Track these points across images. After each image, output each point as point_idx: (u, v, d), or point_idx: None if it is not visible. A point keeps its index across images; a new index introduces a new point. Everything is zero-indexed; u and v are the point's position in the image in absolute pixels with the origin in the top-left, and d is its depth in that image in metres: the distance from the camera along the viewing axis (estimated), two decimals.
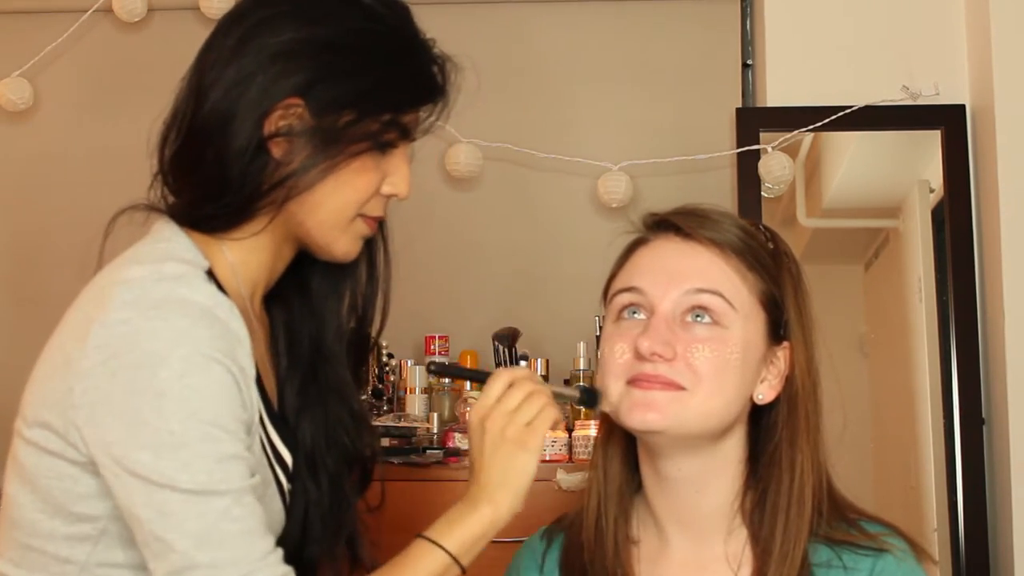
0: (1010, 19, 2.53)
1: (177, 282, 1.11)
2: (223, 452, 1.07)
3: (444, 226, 2.84)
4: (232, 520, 1.06)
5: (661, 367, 1.15)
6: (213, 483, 1.06)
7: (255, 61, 1.16)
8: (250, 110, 1.15)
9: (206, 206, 1.18)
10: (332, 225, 1.20)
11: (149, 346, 1.06)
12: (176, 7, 2.93)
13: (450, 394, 2.65)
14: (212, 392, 1.07)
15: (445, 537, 1.15)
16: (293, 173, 1.16)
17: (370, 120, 1.18)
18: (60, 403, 1.09)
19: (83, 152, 2.96)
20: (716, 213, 1.22)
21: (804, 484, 1.17)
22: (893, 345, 2.72)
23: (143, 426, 1.05)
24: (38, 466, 1.12)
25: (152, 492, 1.05)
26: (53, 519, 1.12)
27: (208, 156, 1.17)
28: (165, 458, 1.05)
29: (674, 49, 2.93)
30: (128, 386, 1.06)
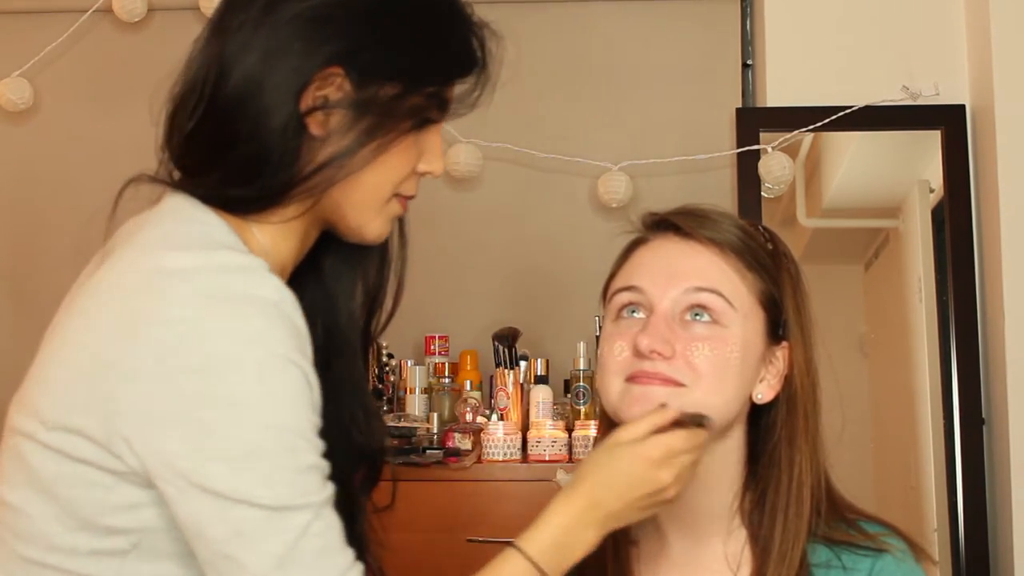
0: (1010, 19, 2.53)
1: (242, 274, 0.99)
2: (303, 463, 0.97)
3: (444, 226, 2.84)
4: (312, 536, 0.97)
5: (660, 365, 1.15)
6: (294, 497, 0.96)
7: (291, 26, 1.04)
8: (289, 80, 1.04)
9: (238, 188, 1.06)
10: (368, 206, 1.11)
11: (217, 347, 0.95)
12: (176, 7, 2.93)
13: (450, 394, 2.65)
14: (290, 397, 0.97)
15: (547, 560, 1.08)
16: (339, 155, 1.05)
17: (415, 93, 1.08)
18: (99, 408, 0.97)
19: (83, 152, 2.96)
20: (715, 213, 1.22)
21: (803, 484, 1.17)
22: (893, 345, 2.72)
23: (214, 436, 0.95)
24: (61, 474, 0.99)
25: (226, 509, 0.95)
26: (76, 532, 1.00)
27: (241, 133, 1.04)
28: (242, 472, 0.94)
29: (674, 49, 2.93)
30: (192, 392, 0.94)
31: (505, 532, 1.15)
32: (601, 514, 1.10)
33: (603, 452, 1.12)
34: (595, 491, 1.10)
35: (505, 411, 2.54)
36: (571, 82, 2.94)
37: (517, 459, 2.45)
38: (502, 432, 2.47)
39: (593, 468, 1.12)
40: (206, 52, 1.08)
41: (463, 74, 1.12)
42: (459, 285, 2.89)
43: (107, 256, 1.07)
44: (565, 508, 1.10)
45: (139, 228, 1.07)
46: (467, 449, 2.48)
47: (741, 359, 1.16)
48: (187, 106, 1.07)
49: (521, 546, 1.08)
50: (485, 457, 2.46)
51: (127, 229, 1.09)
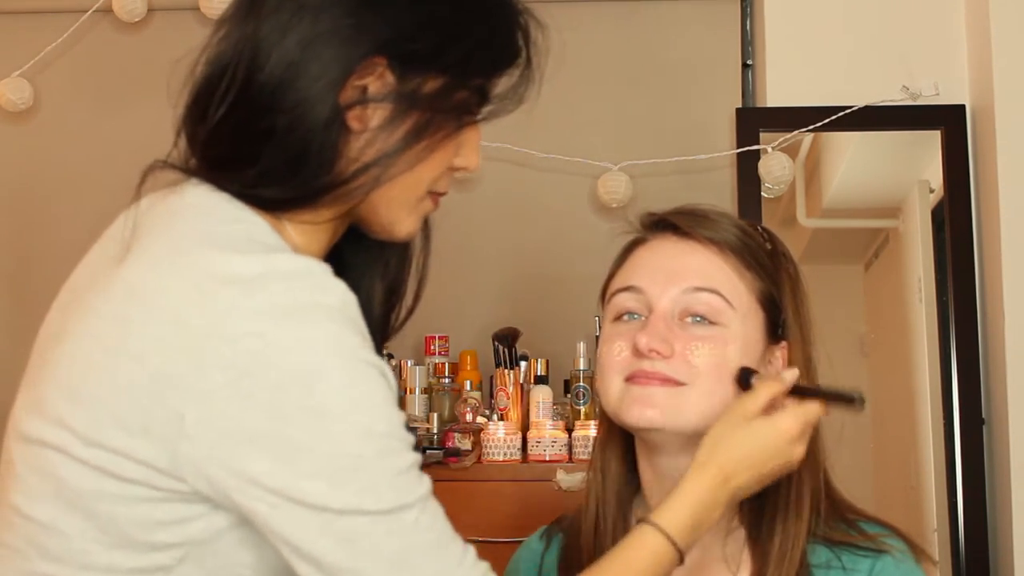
0: (1010, 19, 2.53)
1: (306, 280, 0.93)
2: (402, 464, 0.93)
3: (444, 226, 2.83)
4: (423, 530, 0.93)
5: (659, 364, 1.15)
6: (399, 498, 0.92)
7: (334, 10, 0.97)
8: (329, 70, 0.96)
9: (274, 186, 0.98)
10: (402, 204, 1.05)
11: (295, 360, 0.89)
12: (176, 7, 2.93)
13: (450, 394, 2.65)
14: (379, 400, 0.92)
15: (683, 536, 1.07)
16: (386, 155, 0.99)
17: (463, 87, 1.02)
18: (159, 431, 0.90)
19: (83, 152, 2.96)
20: (714, 213, 1.22)
21: (802, 484, 1.17)
22: (893, 345, 2.72)
23: (307, 452, 0.89)
24: (101, 491, 0.93)
25: (332, 521, 0.90)
26: (114, 550, 0.94)
27: (279, 127, 0.97)
28: (344, 484, 0.90)
29: (674, 49, 2.93)
30: (276, 408, 0.89)
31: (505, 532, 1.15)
32: (732, 488, 1.10)
33: (736, 426, 1.10)
34: (728, 466, 1.09)
35: (505, 411, 2.54)
36: (571, 82, 2.94)
37: (517, 459, 2.45)
38: (502, 432, 2.47)
39: (727, 442, 1.10)
40: (237, 32, 1.00)
41: (509, 65, 1.06)
42: (459, 285, 2.89)
43: (128, 251, 0.98)
44: (701, 485, 1.09)
45: (165, 222, 0.99)
46: (467, 449, 2.48)
47: (740, 358, 1.16)
48: (214, 91, 0.99)
49: (659, 523, 1.06)
50: (485, 457, 2.46)
51: (148, 221, 1.01)
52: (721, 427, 1.11)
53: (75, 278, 1.07)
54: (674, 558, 1.06)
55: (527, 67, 1.07)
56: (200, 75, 1.02)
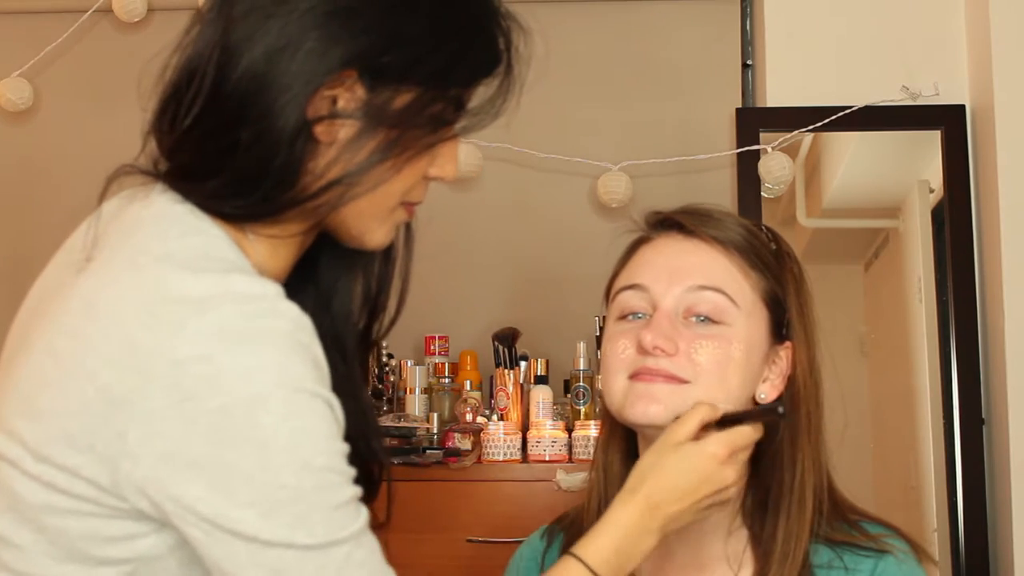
0: (1010, 19, 2.53)
1: (257, 305, 0.90)
2: (339, 498, 0.92)
3: (444, 226, 2.84)
4: (355, 566, 0.92)
5: (663, 361, 1.15)
6: (332, 533, 0.91)
7: (305, 19, 0.94)
8: (299, 82, 0.93)
9: (236, 199, 0.96)
10: (372, 215, 1.02)
11: (240, 388, 0.88)
12: (176, 7, 2.92)
13: (450, 394, 2.65)
14: (321, 433, 0.90)
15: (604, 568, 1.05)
16: (353, 172, 0.96)
17: (437, 100, 0.99)
18: (102, 449, 0.89)
19: (83, 152, 2.96)
20: (719, 212, 1.22)
21: (805, 484, 1.17)
22: (893, 345, 2.72)
23: (243, 481, 0.88)
24: (49, 505, 0.92)
25: (260, 552, 0.89)
26: (63, 563, 0.93)
27: (243, 138, 0.94)
28: (276, 516, 0.89)
29: (674, 49, 2.93)
30: (217, 435, 0.87)
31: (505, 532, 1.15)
32: (661, 517, 1.08)
33: (662, 453, 1.09)
34: (657, 494, 1.08)
35: (505, 411, 2.54)
36: (571, 82, 2.94)
37: (517, 459, 2.45)
38: (502, 432, 2.47)
39: (654, 471, 1.09)
40: (206, 36, 0.98)
41: (488, 75, 1.02)
42: (459, 285, 2.89)
43: (91, 259, 0.98)
44: (625, 513, 1.07)
45: (127, 233, 0.98)
46: (467, 449, 2.48)
47: (744, 357, 1.16)
48: (183, 97, 0.97)
49: (580, 554, 1.05)
50: (485, 457, 2.46)
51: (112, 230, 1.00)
52: (651, 455, 1.11)
53: (40, 284, 1.06)
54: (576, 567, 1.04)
55: (506, 76, 1.03)
56: (169, 79, 1.00)
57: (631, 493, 1.09)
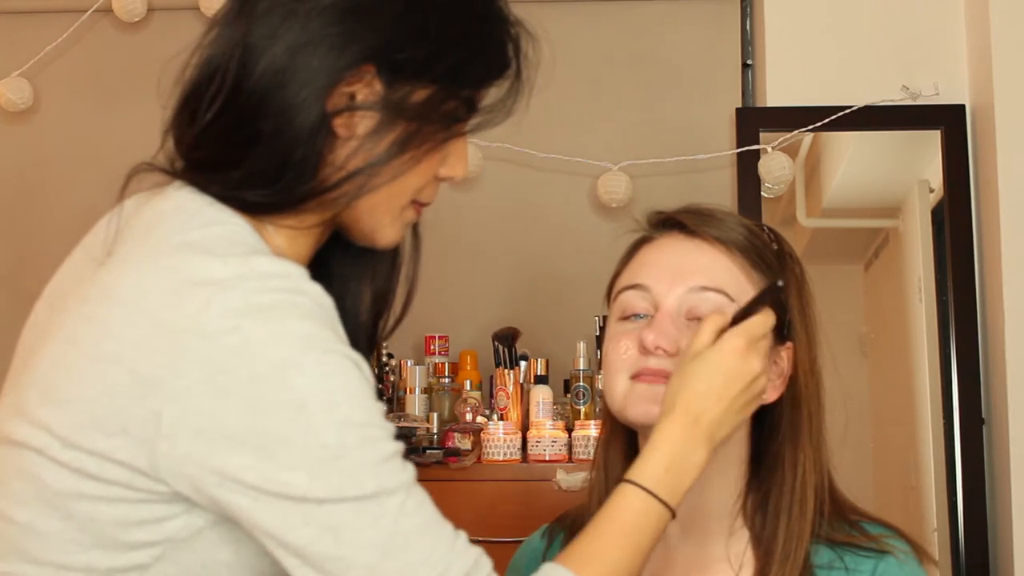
0: (1010, 19, 2.53)
1: (281, 281, 0.93)
2: (384, 452, 0.93)
3: (444, 226, 2.84)
4: (410, 514, 0.93)
5: (665, 361, 1.15)
6: (382, 484, 0.92)
7: (325, 16, 0.97)
8: (319, 77, 0.97)
9: (256, 190, 0.99)
10: (383, 212, 1.04)
11: (270, 355, 0.90)
12: (176, 7, 2.93)
13: (450, 394, 2.65)
14: (356, 390, 0.92)
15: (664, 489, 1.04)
16: (372, 164, 0.99)
17: (452, 97, 1.02)
18: (136, 432, 0.91)
19: (83, 152, 2.96)
20: (721, 212, 1.22)
21: (806, 485, 1.17)
22: (893, 345, 2.72)
23: (286, 445, 0.89)
24: (78, 492, 0.93)
25: (313, 510, 0.90)
26: (91, 550, 0.94)
27: (265, 131, 0.97)
28: (324, 474, 0.90)
29: (674, 49, 2.93)
30: (253, 404, 0.89)
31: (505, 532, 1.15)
32: (705, 426, 1.07)
33: (685, 367, 1.10)
34: (693, 405, 1.07)
35: (505, 411, 2.54)
36: (571, 82, 2.94)
37: (517, 459, 2.45)
38: (502, 432, 2.47)
39: (682, 384, 1.09)
40: (227, 35, 1.00)
41: (499, 76, 1.06)
42: (459, 285, 2.89)
43: (110, 254, 1.00)
44: (669, 432, 1.07)
45: (147, 227, 1.00)
46: (467, 449, 2.48)
47: None
48: (203, 94, 1.00)
49: (634, 479, 1.05)
50: (485, 457, 2.46)
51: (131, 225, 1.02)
52: (676, 374, 1.11)
53: (58, 280, 1.08)
54: (660, 510, 1.04)
55: (516, 79, 1.07)
56: (189, 78, 1.02)
57: (668, 413, 1.08)
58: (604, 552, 1.01)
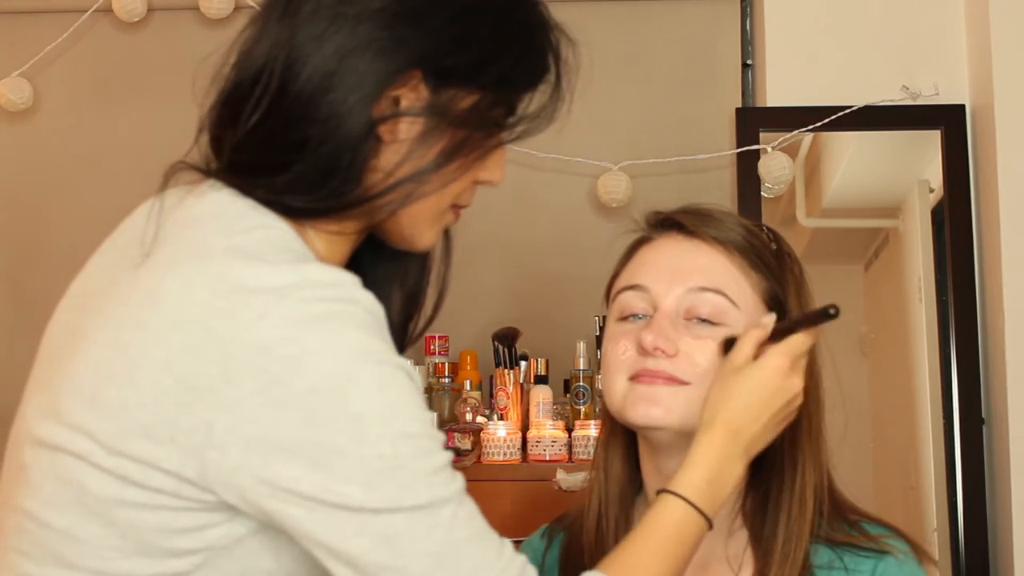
0: (1010, 19, 2.53)
1: (333, 290, 0.92)
2: (437, 463, 0.94)
3: None
4: (461, 525, 0.94)
5: (663, 363, 1.15)
6: (436, 494, 0.92)
7: (373, 21, 0.96)
8: (364, 83, 0.96)
9: (301, 196, 0.97)
10: (424, 217, 1.04)
11: (326, 366, 0.89)
12: (176, 7, 2.93)
13: (450, 394, 2.65)
14: (410, 402, 0.93)
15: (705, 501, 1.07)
16: (421, 171, 0.98)
17: (500, 104, 1.02)
18: (185, 441, 0.90)
19: (83, 152, 2.96)
20: (720, 212, 1.22)
21: (806, 485, 1.17)
22: (893, 345, 2.72)
23: (341, 457, 0.89)
24: (121, 499, 0.92)
25: (368, 520, 0.91)
26: (132, 557, 0.93)
27: (312, 136, 0.96)
28: (381, 486, 0.90)
29: (674, 49, 2.92)
30: (309, 416, 0.89)
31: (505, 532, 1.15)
32: (744, 440, 1.09)
33: (727, 381, 1.11)
34: (735, 420, 1.09)
35: (505, 411, 2.54)
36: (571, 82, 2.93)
37: (517, 459, 2.45)
38: (502, 432, 2.47)
39: (724, 397, 1.10)
40: (271, 36, 0.98)
41: (540, 82, 1.06)
42: (459, 285, 2.87)
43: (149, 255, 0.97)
44: (710, 445, 1.09)
45: (187, 227, 0.98)
46: (467, 449, 2.48)
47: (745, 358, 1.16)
48: (247, 97, 0.98)
49: (676, 490, 1.07)
50: (485, 457, 2.46)
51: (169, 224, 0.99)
52: (717, 387, 1.12)
53: (85, 279, 1.05)
54: (700, 521, 1.06)
55: (557, 85, 1.07)
56: (231, 78, 1.00)
57: (709, 426, 1.10)
58: (644, 562, 1.03)
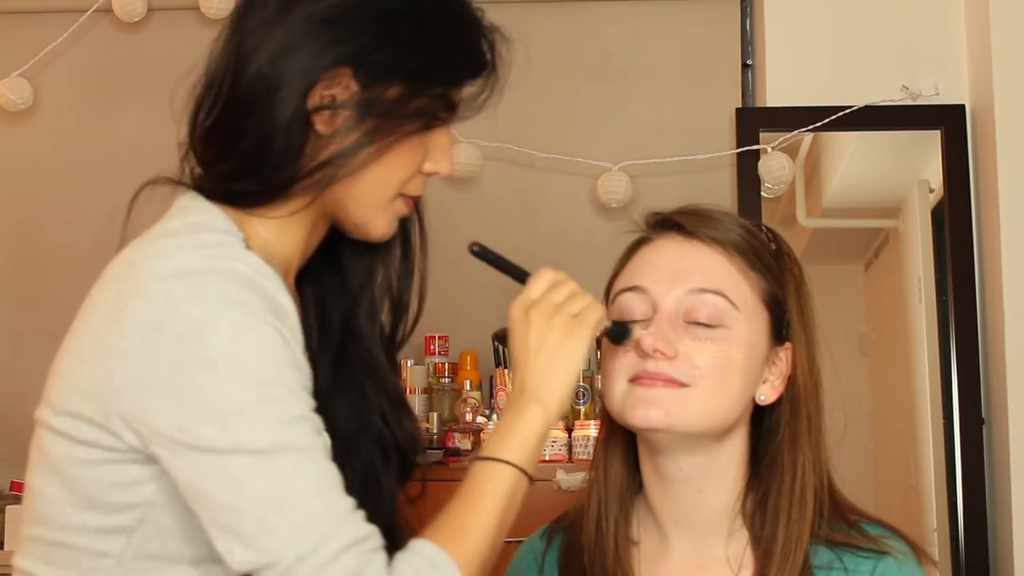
0: (1010, 19, 2.53)
1: (218, 250, 1.04)
2: (286, 413, 1.00)
3: (444, 226, 2.83)
4: (305, 477, 0.98)
5: (663, 364, 1.15)
6: (280, 442, 0.98)
7: (303, 26, 1.09)
8: (297, 79, 1.08)
9: (243, 181, 1.10)
10: (371, 203, 1.14)
11: (194, 314, 0.99)
12: (176, 7, 2.93)
13: (450, 394, 2.65)
14: (266, 352, 1.00)
15: (505, 450, 1.09)
16: (341, 154, 1.09)
17: (421, 95, 1.11)
18: (97, 389, 1.02)
19: (83, 152, 2.96)
20: (719, 213, 1.22)
21: (806, 485, 1.17)
22: (893, 345, 2.72)
23: (198, 397, 0.98)
24: (68, 456, 1.04)
25: (216, 462, 0.98)
26: (84, 511, 1.04)
27: (249, 127, 1.09)
28: (227, 426, 0.98)
29: (674, 49, 2.93)
30: (176, 359, 0.99)
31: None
32: (530, 390, 1.12)
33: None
34: (516, 376, 1.14)
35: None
36: (571, 82, 2.94)
37: None
38: None
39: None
40: (224, 51, 1.12)
41: (470, 77, 1.15)
42: (459, 285, 2.88)
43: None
44: (511, 407, 1.13)
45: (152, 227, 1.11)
46: (467, 449, 2.48)
47: (744, 360, 1.16)
48: (205, 104, 1.12)
49: (492, 455, 1.10)
50: None
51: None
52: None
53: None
54: (501, 468, 1.08)
55: (489, 78, 1.16)
56: (197, 91, 1.14)
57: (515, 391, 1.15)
58: (462, 522, 1.07)
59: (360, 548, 0.98)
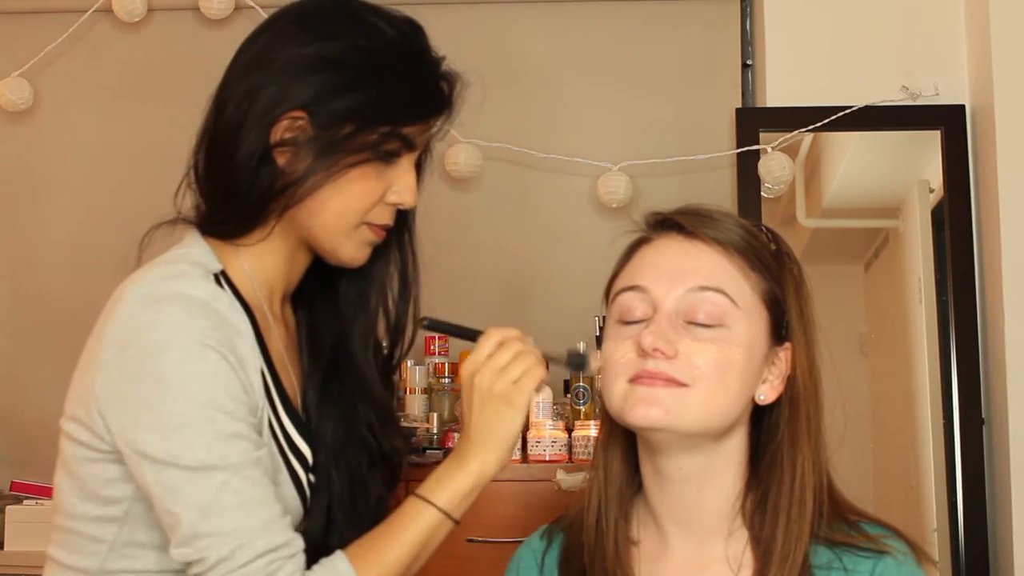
0: (1010, 19, 2.53)
1: (180, 279, 1.20)
2: (221, 431, 1.16)
3: (444, 226, 2.84)
4: (232, 492, 1.15)
5: (663, 364, 1.15)
6: (212, 459, 1.15)
7: (265, 74, 1.25)
8: (257, 120, 1.24)
9: (219, 213, 1.27)
10: (336, 230, 1.27)
11: (151, 336, 1.16)
12: (176, 7, 2.93)
13: (450, 394, 2.65)
14: (208, 376, 1.16)
15: (436, 494, 1.23)
16: (294, 181, 1.23)
17: (368, 132, 1.25)
18: (86, 397, 1.20)
19: (83, 152, 2.96)
20: (719, 212, 1.22)
21: (805, 485, 1.17)
22: (893, 345, 2.72)
23: (148, 410, 1.15)
24: (73, 455, 1.23)
25: (159, 470, 1.15)
26: (86, 503, 1.23)
27: (221, 165, 1.26)
28: (169, 439, 1.15)
29: (674, 49, 2.93)
30: (134, 374, 1.16)
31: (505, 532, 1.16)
32: (471, 440, 1.25)
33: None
34: (463, 426, 1.27)
35: None
36: (570, 82, 2.94)
37: (517, 459, 2.45)
38: None
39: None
40: (211, 99, 1.29)
41: (416, 117, 1.28)
42: (459, 285, 2.89)
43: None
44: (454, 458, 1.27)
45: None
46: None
47: (744, 360, 1.16)
48: (200, 146, 1.29)
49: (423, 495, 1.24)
50: None
51: None
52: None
53: None
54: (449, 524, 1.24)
55: (437, 116, 1.31)
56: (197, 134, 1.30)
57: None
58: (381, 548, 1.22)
59: (274, 555, 1.15)
